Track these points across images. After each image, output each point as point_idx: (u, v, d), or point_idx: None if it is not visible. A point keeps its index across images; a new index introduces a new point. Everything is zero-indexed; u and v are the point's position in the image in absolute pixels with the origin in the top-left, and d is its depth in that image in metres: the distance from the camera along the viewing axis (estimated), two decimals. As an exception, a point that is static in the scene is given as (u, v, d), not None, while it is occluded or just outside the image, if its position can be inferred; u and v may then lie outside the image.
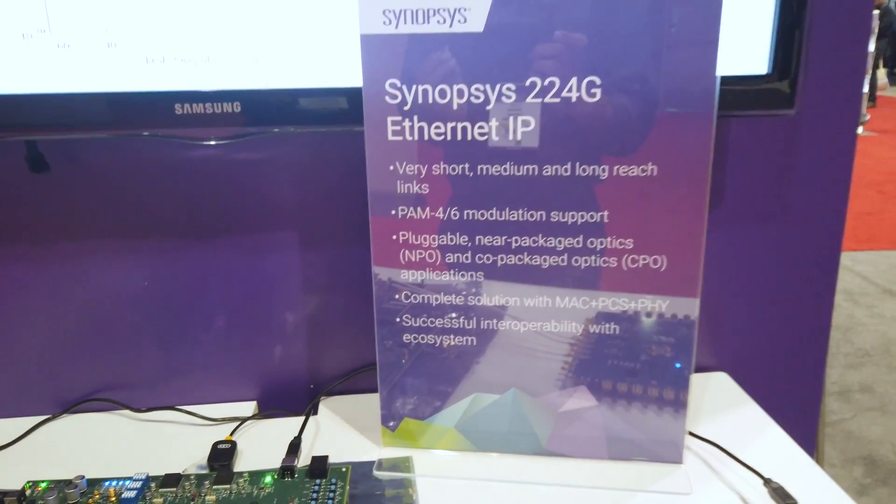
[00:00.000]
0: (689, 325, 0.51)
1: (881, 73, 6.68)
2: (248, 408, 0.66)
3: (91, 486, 0.52)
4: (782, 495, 0.49)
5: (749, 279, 0.67)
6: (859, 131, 0.80)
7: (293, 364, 0.67)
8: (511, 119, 0.48)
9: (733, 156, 0.63)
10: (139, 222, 0.61)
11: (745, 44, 0.52)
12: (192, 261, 0.63)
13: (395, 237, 0.52)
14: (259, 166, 0.61)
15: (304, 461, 0.55)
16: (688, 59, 0.46)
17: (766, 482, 0.51)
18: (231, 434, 0.59)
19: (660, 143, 0.47)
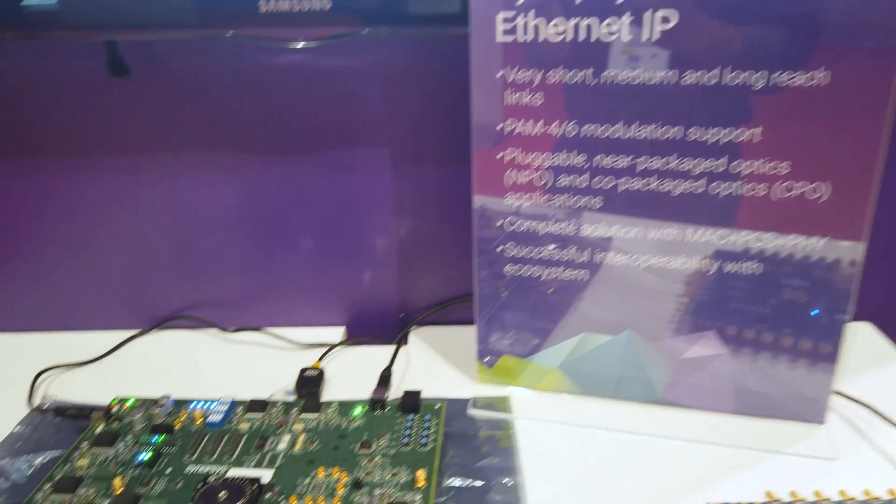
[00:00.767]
0: (849, 273, 0.43)
1: None
2: (336, 333, 0.63)
3: (177, 407, 0.51)
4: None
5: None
6: None
7: (383, 290, 0.64)
8: (648, 14, 0.40)
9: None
10: (223, 133, 0.58)
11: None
12: (279, 177, 0.59)
13: (500, 156, 0.46)
14: (349, 74, 0.56)
15: (394, 394, 0.51)
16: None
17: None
18: (319, 360, 0.57)
19: (835, 45, 0.38)
